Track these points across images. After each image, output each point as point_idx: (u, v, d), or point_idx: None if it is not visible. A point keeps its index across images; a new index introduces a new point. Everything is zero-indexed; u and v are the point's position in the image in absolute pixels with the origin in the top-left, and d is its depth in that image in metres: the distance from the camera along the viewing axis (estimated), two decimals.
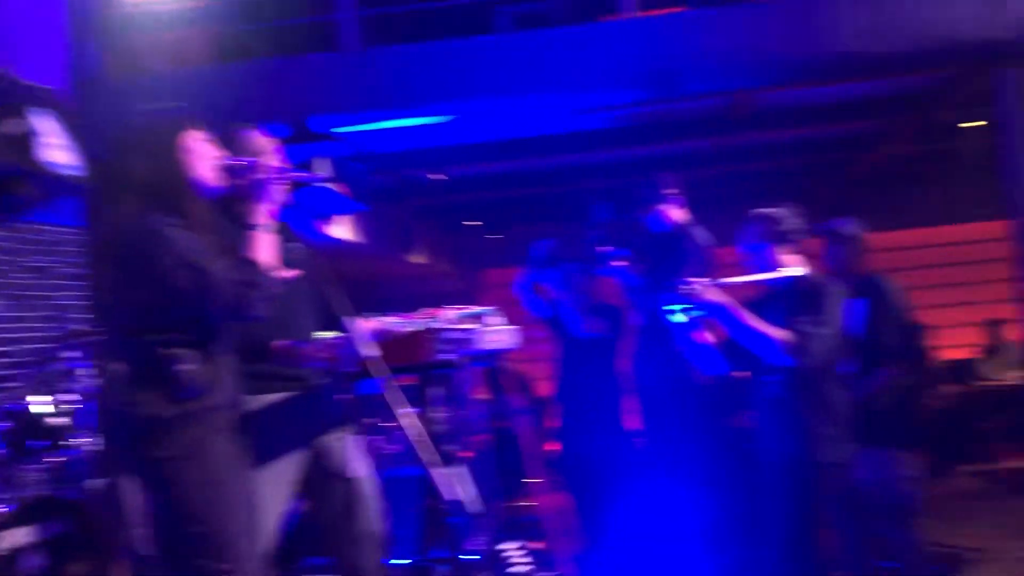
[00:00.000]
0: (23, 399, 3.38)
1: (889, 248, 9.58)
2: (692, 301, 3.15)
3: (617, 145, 5.96)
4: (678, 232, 4.12)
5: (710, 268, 4.06)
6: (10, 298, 4.90)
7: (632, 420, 4.53)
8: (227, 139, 2.54)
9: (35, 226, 5.03)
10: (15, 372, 4.45)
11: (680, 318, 3.28)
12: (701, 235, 4.08)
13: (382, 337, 2.63)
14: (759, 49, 4.30)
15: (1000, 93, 4.25)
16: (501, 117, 5.10)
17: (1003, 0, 4.09)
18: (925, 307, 9.68)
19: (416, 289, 9.63)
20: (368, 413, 3.70)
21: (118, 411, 2.28)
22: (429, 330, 2.79)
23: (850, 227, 4.13)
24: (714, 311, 3.18)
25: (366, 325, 2.59)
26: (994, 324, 8.27)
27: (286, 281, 2.48)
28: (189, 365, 2.20)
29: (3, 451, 3.25)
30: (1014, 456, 7.41)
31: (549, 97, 4.74)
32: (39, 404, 3.36)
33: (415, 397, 3.04)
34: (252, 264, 2.29)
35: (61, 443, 3.36)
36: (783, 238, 3.35)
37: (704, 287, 3.16)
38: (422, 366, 2.85)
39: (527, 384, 8.14)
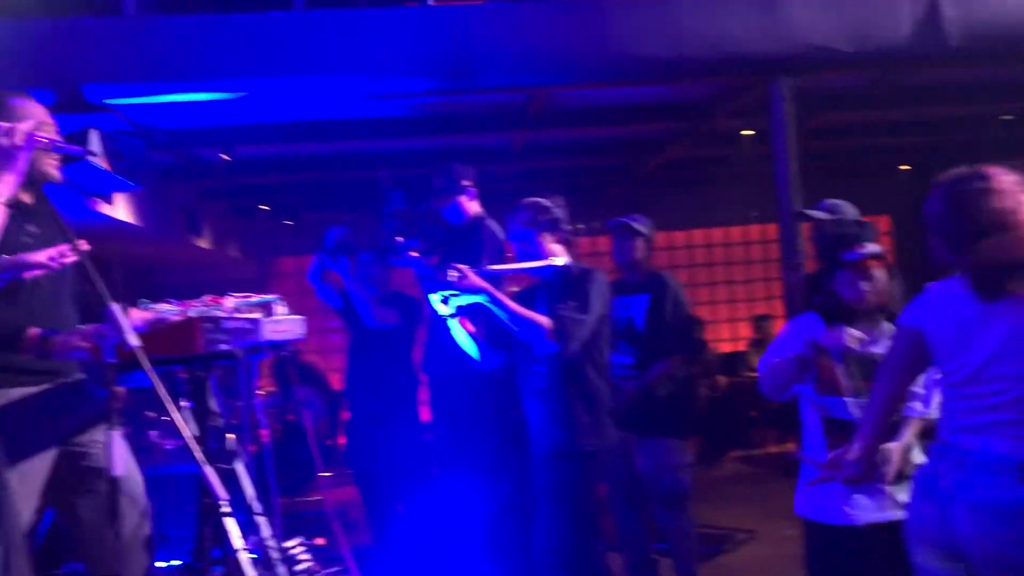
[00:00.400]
0: None
1: (671, 247, 10.20)
2: (455, 287, 3.14)
3: (414, 134, 5.90)
4: (473, 224, 4.12)
5: (503, 261, 4.09)
6: None
7: (424, 412, 4.51)
8: None
9: None
10: None
11: (443, 308, 3.28)
12: (495, 228, 4.10)
13: (151, 326, 2.44)
14: (554, 46, 4.37)
15: (772, 104, 4.56)
16: (294, 97, 4.88)
17: (778, 16, 4.39)
18: (702, 303, 10.41)
19: (202, 276, 9.15)
20: (136, 407, 3.46)
21: None
22: (206, 319, 2.61)
23: (638, 224, 4.29)
24: (477, 295, 3.18)
25: (132, 313, 2.40)
26: (762, 319, 8.93)
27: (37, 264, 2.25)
28: None
29: None
30: (776, 442, 8.04)
31: (344, 80, 4.59)
32: None
33: (192, 389, 2.85)
34: None
35: None
36: (548, 227, 3.41)
37: (467, 273, 3.16)
38: (198, 357, 2.66)
39: (319, 376, 7.95)
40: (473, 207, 4.19)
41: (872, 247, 2.93)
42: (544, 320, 3.20)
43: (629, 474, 4.23)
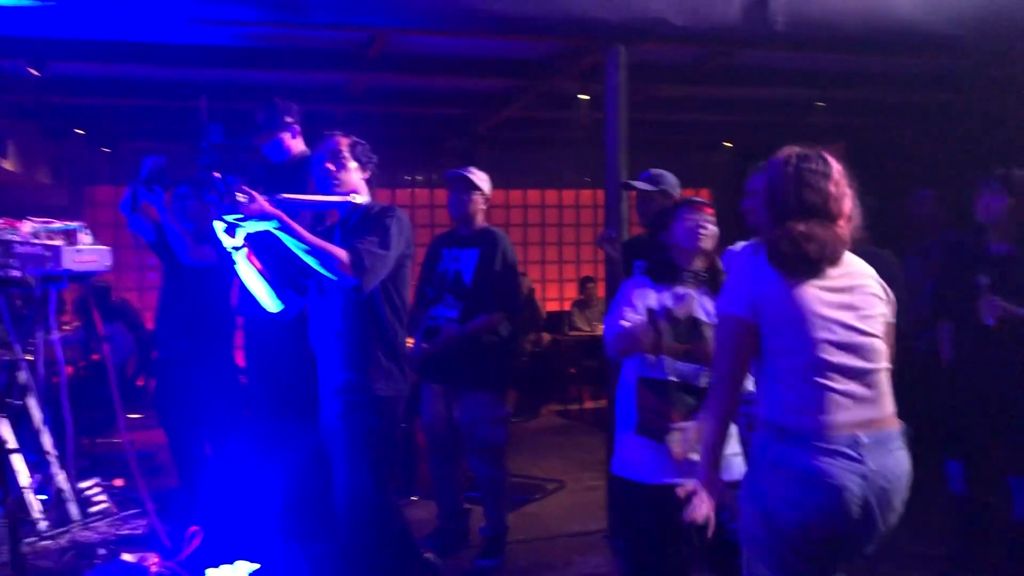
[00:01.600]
0: None
1: (507, 205, 10.31)
2: (243, 212, 2.78)
3: (243, 65, 5.62)
4: (296, 163, 4.00)
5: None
6: None
7: (240, 356, 4.37)
8: None
9: None
10: None
11: (228, 240, 2.93)
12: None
13: None
14: None
15: (607, 70, 4.65)
16: (110, 12, 4.51)
17: None
18: (533, 262, 10.64)
19: (7, 199, 8.45)
20: None
21: None
22: None
23: (475, 177, 4.29)
24: (267, 222, 2.86)
25: None
26: (587, 281, 9.22)
27: None
28: None
29: None
30: (592, 398, 8.37)
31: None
32: None
33: None
34: None
35: None
36: (349, 163, 3.30)
37: (256, 197, 2.82)
38: None
39: (133, 314, 7.56)
40: (297, 145, 4.07)
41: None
42: (341, 252, 2.99)
43: (445, 424, 4.28)
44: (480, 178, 4.31)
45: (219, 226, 2.91)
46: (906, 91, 6.95)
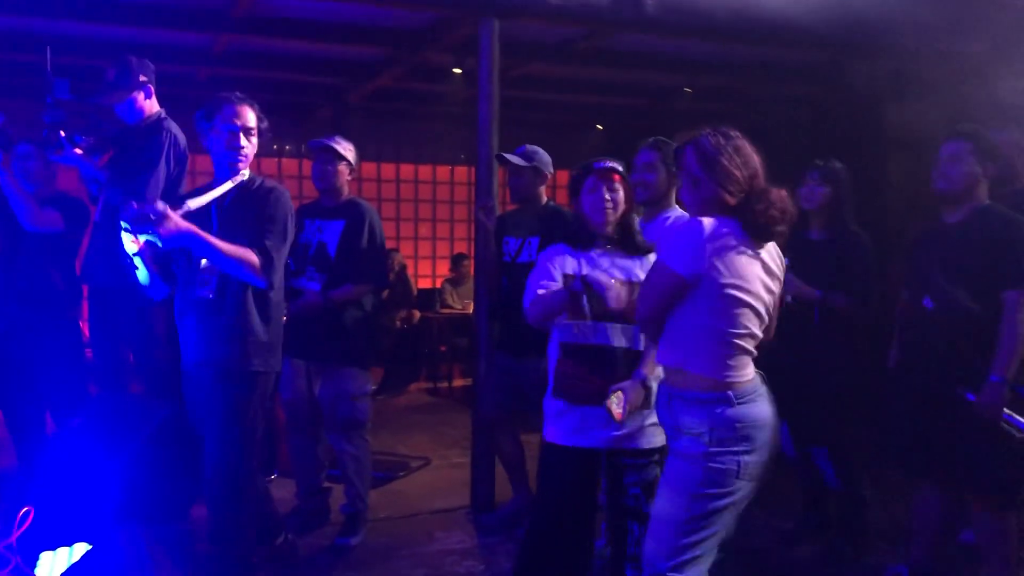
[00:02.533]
0: None
1: (379, 178, 10.14)
2: (160, 235, 2.78)
3: (92, 19, 5.25)
4: (151, 125, 3.79)
5: (183, 168, 3.80)
6: None
7: (86, 328, 4.13)
8: None
9: None
10: None
11: (132, 246, 2.97)
12: (176, 131, 3.79)
13: None
14: None
15: (480, 44, 4.59)
16: None
17: None
18: (405, 238, 10.51)
19: None
20: None
21: None
22: None
23: (341, 147, 4.16)
24: (180, 241, 2.87)
25: None
26: (459, 258, 9.19)
27: None
28: None
29: None
30: (461, 376, 8.36)
31: None
32: None
33: None
34: None
35: None
36: (254, 138, 3.18)
37: (170, 215, 2.78)
38: None
39: None
40: (151, 106, 3.85)
41: (614, 163, 3.04)
42: (251, 256, 2.98)
43: (306, 401, 4.17)
44: (345, 148, 4.19)
45: (126, 237, 2.92)
46: (772, 82, 7.19)
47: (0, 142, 3.92)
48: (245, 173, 3.18)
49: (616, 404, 2.79)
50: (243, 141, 3.12)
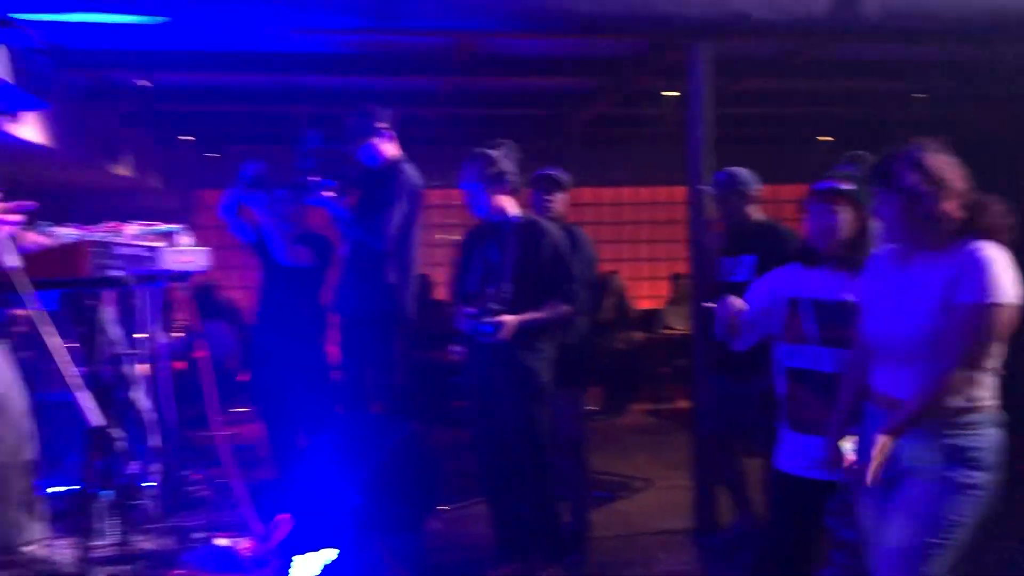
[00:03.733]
0: None
1: (595, 203, 10.30)
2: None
3: (338, 72, 5.82)
4: (388, 168, 4.13)
5: (419, 207, 4.12)
6: None
7: (333, 353, 4.53)
8: None
9: None
10: None
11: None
12: (412, 173, 4.11)
13: (33, 247, 2.42)
14: None
15: (691, 67, 4.63)
16: (218, 25, 4.77)
17: None
18: (622, 260, 10.59)
19: (122, 204, 8.94)
20: (29, 330, 3.42)
21: None
22: (95, 243, 2.59)
23: (558, 177, 4.33)
24: None
25: (27, 235, 2.37)
26: (678, 278, 9.13)
27: None
28: None
29: None
30: (685, 398, 8.27)
31: (268, 10, 4.51)
32: None
33: (82, 314, 2.84)
34: None
35: None
36: (495, 181, 3.44)
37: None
38: (85, 281, 2.64)
39: (235, 311, 7.89)
40: (389, 150, 4.19)
41: (844, 184, 2.86)
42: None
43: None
44: (563, 177, 4.35)
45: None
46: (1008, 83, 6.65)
47: (261, 187, 4.42)
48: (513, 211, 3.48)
49: (851, 447, 2.58)
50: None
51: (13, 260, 2.10)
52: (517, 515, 3.69)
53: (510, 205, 3.53)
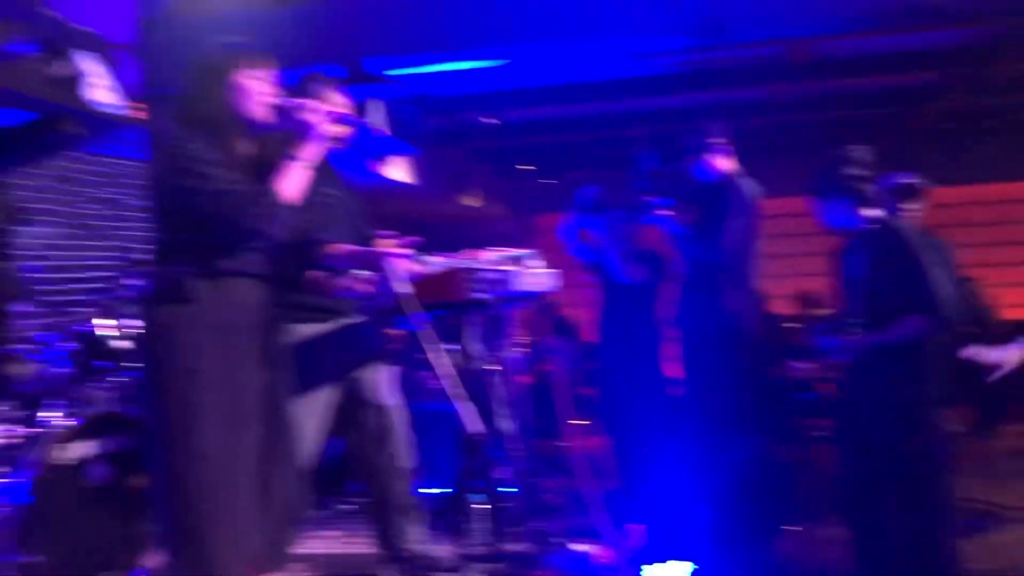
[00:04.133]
0: (90, 322, 3.57)
1: (946, 204, 9.38)
2: None
3: (670, 92, 5.90)
4: (723, 182, 4.13)
5: (755, 220, 4.07)
6: (79, 227, 5.16)
7: (672, 368, 4.60)
8: (288, 80, 2.64)
9: (104, 158, 5.26)
10: (82, 298, 4.71)
11: None
12: (749, 186, 4.08)
13: (418, 275, 2.74)
14: None
15: None
16: (556, 61, 5.10)
17: None
18: (985, 265, 9.54)
19: (469, 231, 9.73)
20: (404, 348, 3.86)
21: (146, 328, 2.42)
22: (465, 269, 2.88)
23: (913, 182, 4.08)
24: None
25: (403, 263, 2.68)
26: None
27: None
28: (192, 282, 2.31)
29: (71, 370, 3.46)
30: None
31: (604, 41, 4.73)
32: (105, 328, 3.55)
33: (453, 334, 3.15)
34: (270, 190, 2.35)
35: (124, 364, 3.56)
36: (852, 187, 3.30)
37: None
38: (459, 304, 2.95)
39: (572, 328, 8.25)
40: (724, 164, 4.19)
41: None
42: None
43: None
44: (916, 181, 4.07)
45: None
46: None
47: (598, 210, 4.62)
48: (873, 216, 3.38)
49: None
50: None
51: (405, 288, 2.40)
52: (889, 540, 3.48)
53: (865, 213, 3.35)
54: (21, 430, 2.99)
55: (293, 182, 2.39)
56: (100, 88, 1.35)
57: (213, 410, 2.30)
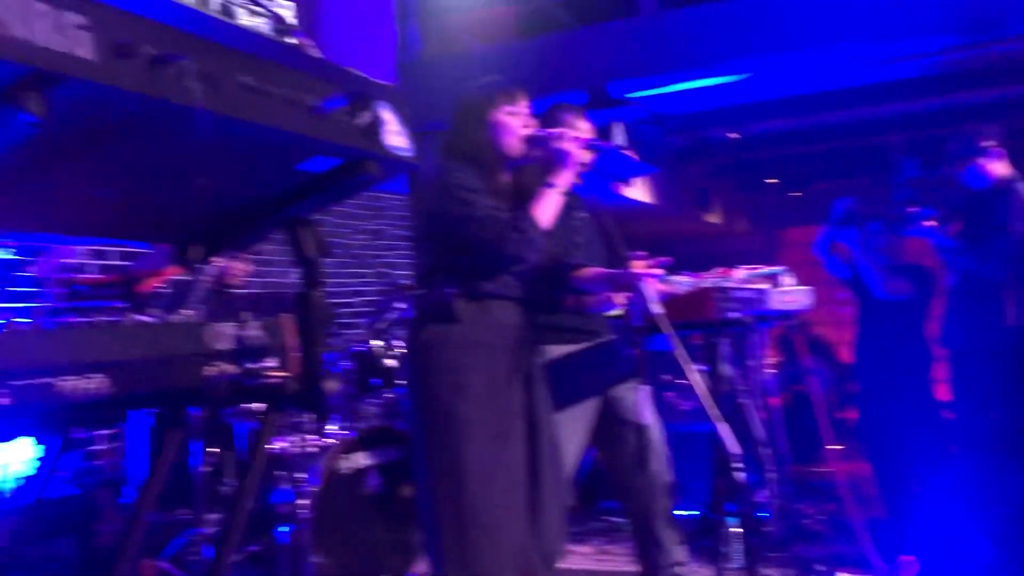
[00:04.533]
0: (365, 343, 3.88)
1: None
2: None
3: (926, 94, 5.49)
4: (998, 188, 3.81)
5: None
6: (350, 257, 5.65)
7: (941, 390, 4.29)
8: (539, 112, 2.76)
9: (371, 194, 5.74)
10: (355, 321, 5.14)
11: None
12: None
13: (667, 295, 2.74)
14: None
15: None
16: (800, 71, 4.94)
17: None
18: None
19: (712, 248, 9.58)
20: (657, 368, 3.86)
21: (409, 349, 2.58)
22: (717, 289, 2.85)
23: None
24: None
25: (652, 283, 2.70)
26: None
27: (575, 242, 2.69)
28: (456, 303, 2.43)
29: (348, 387, 3.78)
30: None
31: (852, 48, 4.53)
32: (378, 348, 3.84)
33: (705, 354, 3.13)
34: (528, 216, 2.44)
35: (394, 382, 3.84)
36: None
37: None
38: (710, 324, 2.92)
39: (827, 348, 7.87)
40: (998, 169, 3.87)
41: None
42: None
43: None
44: None
45: None
46: None
47: (853, 222, 4.41)
48: None
49: None
50: None
51: (658, 308, 2.43)
52: None
53: None
54: (315, 440, 3.29)
55: (548, 208, 2.49)
56: (394, 134, 1.49)
57: (477, 425, 2.41)
